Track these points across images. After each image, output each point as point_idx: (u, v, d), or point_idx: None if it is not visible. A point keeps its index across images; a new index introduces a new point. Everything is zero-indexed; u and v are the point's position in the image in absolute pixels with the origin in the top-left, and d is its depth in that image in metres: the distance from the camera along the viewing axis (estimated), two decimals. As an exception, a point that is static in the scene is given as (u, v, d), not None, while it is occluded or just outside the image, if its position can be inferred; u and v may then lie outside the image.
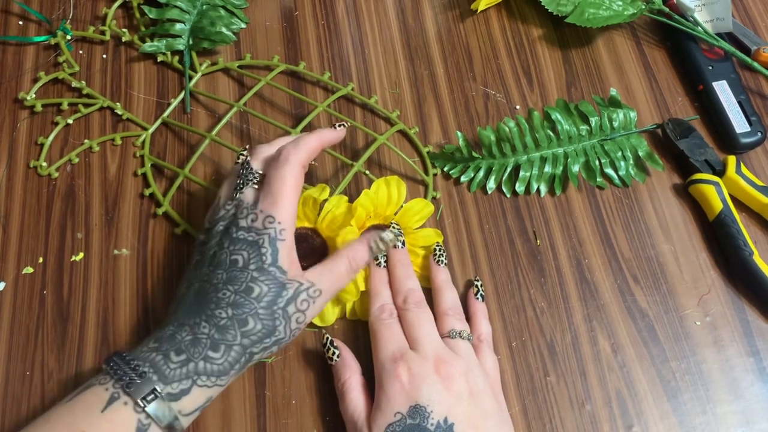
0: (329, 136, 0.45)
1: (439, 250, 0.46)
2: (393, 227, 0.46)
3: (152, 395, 0.35)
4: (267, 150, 0.44)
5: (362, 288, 0.45)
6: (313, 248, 0.45)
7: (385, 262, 0.46)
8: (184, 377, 0.36)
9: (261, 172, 0.42)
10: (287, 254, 0.40)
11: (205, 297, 0.39)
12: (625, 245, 0.49)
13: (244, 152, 0.45)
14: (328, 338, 0.43)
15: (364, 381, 0.42)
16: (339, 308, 0.45)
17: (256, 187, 0.42)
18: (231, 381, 0.39)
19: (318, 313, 0.42)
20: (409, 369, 0.39)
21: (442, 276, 0.46)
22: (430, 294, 0.46)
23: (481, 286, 0.46)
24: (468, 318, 0.45)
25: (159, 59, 0.56)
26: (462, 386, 0.39)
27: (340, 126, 0.46)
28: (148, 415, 0.35)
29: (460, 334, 0.42)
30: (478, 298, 0.46)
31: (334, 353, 0.42)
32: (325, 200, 0.45)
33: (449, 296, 0.45)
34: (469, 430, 0.38)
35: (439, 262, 0.46)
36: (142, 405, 0.35)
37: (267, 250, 0.39)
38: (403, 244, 0.46)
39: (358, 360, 0.44)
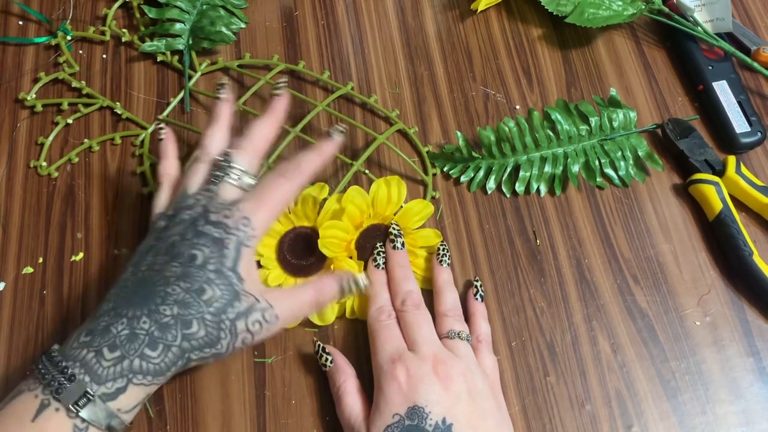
0: (329, 151, 0.42)
1: (443, 250, 0.46)
2: (393, 227, 0.46)
3: (84, 399, 0.33)
4: (224, 134, 0.43)
5: None
6: (312, 247, 0.45)
7: (383, 263, 0.46)
8: (119, 376, 0.34)
9: (243, 168, 0.41)
10: (247, 264, 0.38)
11: (152, 288, 0.36)
12: (625, 245, 0.49)
13: (163, 126, 0.44)
14: (319, 345, 0.43)
15: (359, 384, 0.42)
16: (338, 307, 0.45)
17: (234, 183, 0.40)
18: (167, 379, 0.37)
19: (267, 338, 0.39)
20: (407, 370, 0.39)
21: (444, 276, 0.46)
22: (428, 295, 0.46)
23: (481, 286, 0.46)
24: (467, 318, 0.45)
25: (159, 59, 0.56)
26: (460, 386, 0.39)
27: (337, 134, 0.42)
28: (84, 420, 0.33)
29: (459, 334, 0.42)
30: (477, 299, 0.46)
31: (327, 359, 0.42)
32: (325, 199, 0.45)
33: (449, 297, 0.45)
34: (467, 430, 0.38)
35: (442, 262, 0.46)
36: (75, 410, 0.33)
37: (230, 252, 0.37)
38: (403, 245, 0.46)
39: (358, 359, 0.44)
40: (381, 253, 0.46)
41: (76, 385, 0.33)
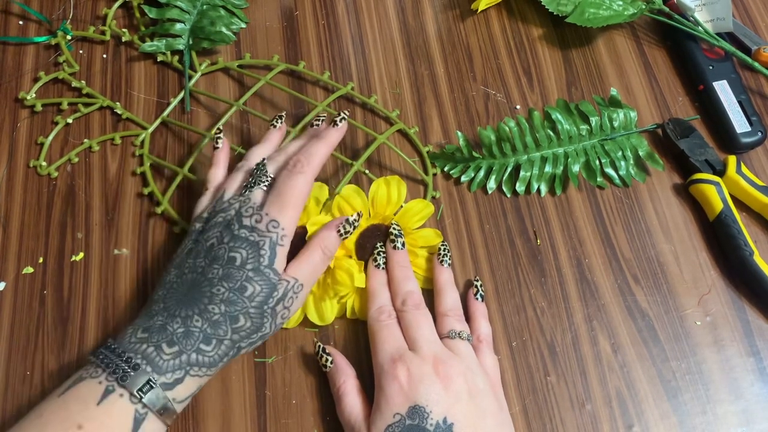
0: (335, 137, 0.45)
1: (444, 250, 0.46)
2: (394, 227, 0.46)
3: (148, 386, 0.36)
4: (268, 152, 0.46)
5: (357, 283, 0.44)
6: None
7: (384, 263, 0.46)
8: (177, 368, 0.37)
9: (272, 175, 0.44)
10: (283, 258, 0.41)
11: (198, 290, 0.39)
12: (626, 245, 0.49)
13: (221, 136, 0.47)
14: (320, 346, 0.43)
15: (359, 384, 0.42)
16: (338, 307, 0.45)
17: (265, 189, 0.43)
18: (219, 369, 0.40)
19: (301, 305, 0.43)
20: (407, 370, 0.39)
21: (444, 276, 0.46)
22: (429, 295, 0.46)
23: (481, 286, 0.46)
24: (468, 318, 0.45)
25: (159, 59, 0.56)
26: (461, 386, 0.39)
27: (341, 120, 0.45)
28: (145, 405, 0.36)
29: (459, 334, 0.42)
30: (477, 299, 0.46)
31: (327, 360, 0.43)
32: (328, 199, 0.46)
33: (450, 297, 0.45)
34: (468, 430, 0.38)
35: (443, 262, 0.46)
36: (138, 396, 0.35)
37: (266, 252, 0.40)
38: (403, 245, 0.46)
39: (358, 358, 0.44)
40: (381, 253, 0.46)
41: (140, 373, 0.36)
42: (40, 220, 0.49)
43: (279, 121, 0.48)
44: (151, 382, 0.36)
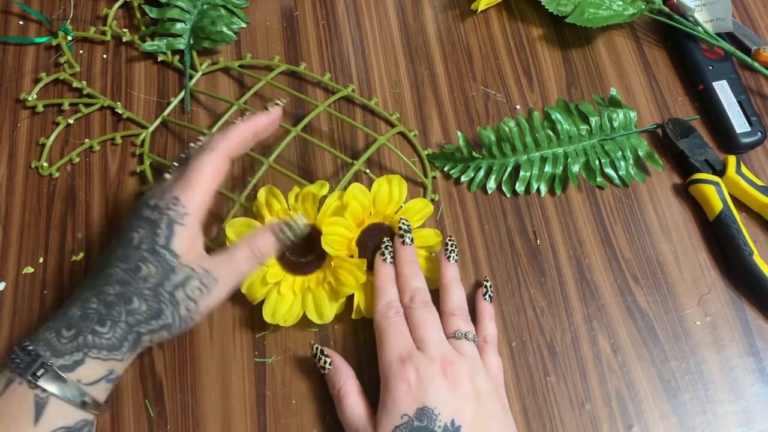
0: (262, 121, 0.43)
1: (451, 246, 0.46)
2: (403, 222, 0.46)
3: (42, 369, 0.35)
4: (215, 144, 0.43)
5: (362, 280, 0.44)
6: (312, 244, 0.45)
7: (391, 258, 0.45)
8: (75, 350, 0.36)
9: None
10: (186, 240, 0.39)
11: (101, 273, 0.39)
12: (625, 245, 0.49)
13: (200, 141, 0.45)
14: (317, 348, 0.43)
15: (359, 385, 0.42)
16: (338, 305, 0.45)
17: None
18: (130, 358, 0.39)
19: (216, 303, 0.40)
20: (416, 370, 0.39)
21: (451, 273, 0.45)
22: (435, 294, 0.46)
23: (490, 287, 0.46)
24: (474, 318, 0.45)
25: (159, 59, 0.56)
26: (468, 388, 0.39)
27: (273, 106, 0.44)
28: (45, 390, 0.35)
29: (465, 335, 0.42)
30: (486, 299, 0.46)
31: (325, 362, 0.42)
32: (325, 197, 0.45)
33: (456, 295, 0.44)
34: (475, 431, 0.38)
35: (450, 258, 0.46)
36: (33, 380, 0.35)
37: (162, 231, 0.39)
38: (412, 241, 0.46)
39: (359, 360, 0.44)
40: (389, 248, 0.45)
41: (36, 358, 0.36)
42: (40, 220, 0.49)
43: (243, 118, 0.46)
44: (45, 365, 0.35)
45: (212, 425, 0.43)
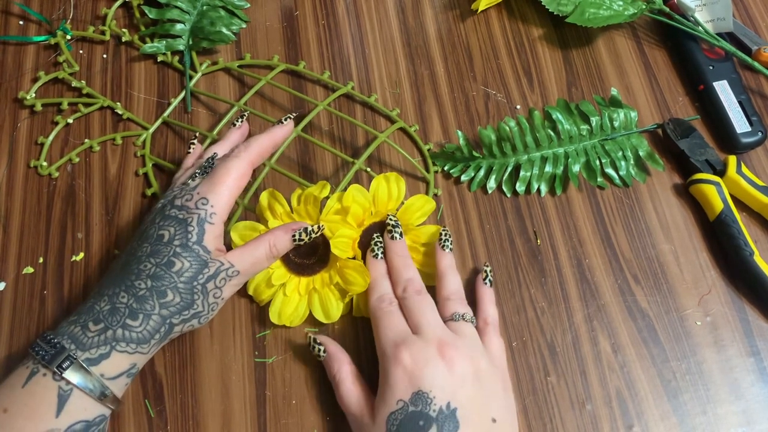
0: (279, 133, 0.46)
1: (445, 235, 0.46)
2: (390, 218, 0.46)
3: (67, 362, 0.36)
4: (225, 150, 0.47)
5: (369, 279, 0.44)
6: (315, 246, 0.45)
7: (382, 253, 0.46)
8: (102, 343, 0.37)
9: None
10: (214, 238, 0.41)
11: (128, 268, 0.40)
12: (626, 245, 0.49)
13: (194, 142, 0.49)
14: (311, 337, 0.43)
15: (356, 370, 0.42)
16: (344, 305, 0.45)
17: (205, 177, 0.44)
18: (156, 349, 0.40)
19: (235, 290, 0.42)
20: (411, 354, 0.39)
21: (446, 261, 0.45)
22: (433, 291, 0.46)
23: (491, 271, 0.46)
24: (475, 302, 0.45)
25: (159, 59, 0.56)
26: (466, 368, 0.39)
27: (286, 120, 0.47)
28: (69, 382, 0.36)
29: (463, 316, 0.42)
30: (486, 283, 0.46)
31: (319, 350, 0.43)
32: (326, 198, 0.45)
33: (452, 281, 0.44)
34: (472, 414, 0.37)
35: (444, 247, 0.46)
36: (59, 372, 0.36)
37: (194, 229, 0.40)
38: (401, 235, 0.46)
39: (359, 358, 0.44)
40: (378, 244, 0.46)
41: (62, 351, 0.37)
42: (40, 220, 0.49)
43: (240, 120, 0.49)
44: (70, 357, 0.36)
45: (212, 425, 0.43)
